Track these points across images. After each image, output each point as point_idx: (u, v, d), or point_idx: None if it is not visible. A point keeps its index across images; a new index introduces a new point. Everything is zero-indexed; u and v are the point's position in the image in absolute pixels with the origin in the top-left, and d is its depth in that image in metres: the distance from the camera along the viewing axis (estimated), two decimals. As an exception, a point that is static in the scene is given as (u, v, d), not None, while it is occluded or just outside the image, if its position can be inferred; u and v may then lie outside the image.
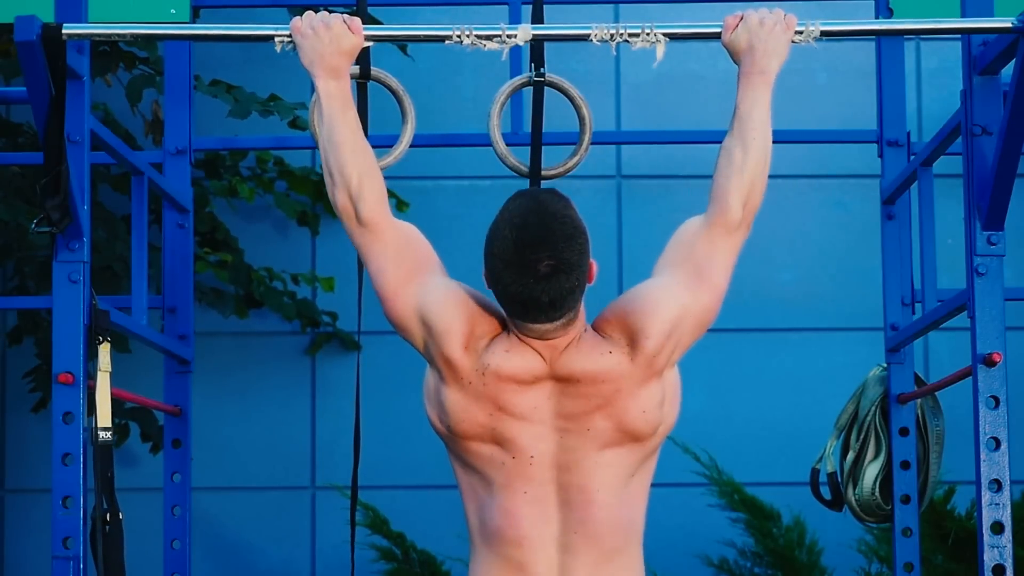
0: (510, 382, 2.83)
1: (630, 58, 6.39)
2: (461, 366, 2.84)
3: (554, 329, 2.82)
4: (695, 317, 2.92)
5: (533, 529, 2.85)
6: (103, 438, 3.57)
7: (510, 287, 2.76)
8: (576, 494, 2.85)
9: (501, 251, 2.76)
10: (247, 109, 5.35)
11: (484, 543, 2.88)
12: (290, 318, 6.13)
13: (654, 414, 2.87)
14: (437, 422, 2.90)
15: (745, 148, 2.96)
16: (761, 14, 3.08)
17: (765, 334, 6.40)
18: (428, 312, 2.87)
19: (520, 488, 2.85)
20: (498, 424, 2.83)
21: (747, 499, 5.84)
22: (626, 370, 2.85)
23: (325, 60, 3.03)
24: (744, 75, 3.03)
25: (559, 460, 2.85)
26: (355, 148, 2.96)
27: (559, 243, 2.75)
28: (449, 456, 2.94)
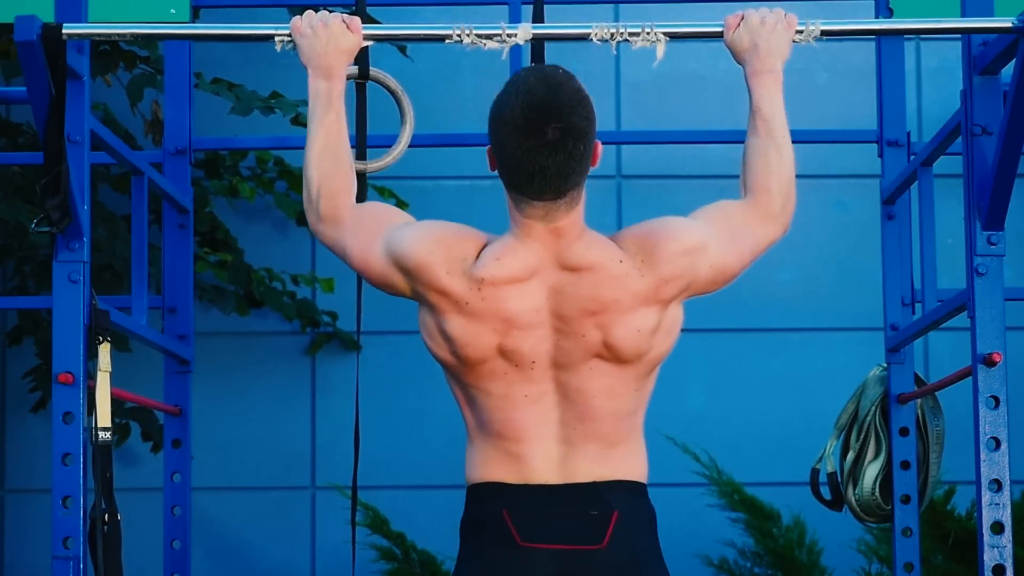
0: (508, 285, 2.80)
1: (630, 58, 6.39)
2: (452, 290, 2.82)
3: (556, 208, 2.79)
4: (715, 266, 2.90)
5: (532, 428, 2.83)
6: (103, 438, 3.57)
7: (516, 153, 2.75)
8: (574, 394, 2.83)
9: (509, 116, 2.74)
10: (249, 106, 5.35)
11: (482, 436, 2.87)
12: (290, 318, 6.13)
13: (645, 338, 2.83)
14: (444, 354, 2.86)
15: (779, 149, 2.99)
16: (762, 13, 3.08)
17: (765, 334, 6.40)
18: (399, 253, 2.86)
19: (521, 392, 2.83)
20: (504, 338, 2.81)
21: (747, 499, 5.84)
22: (632, 283, 2.82)
23: (321, 59, 3.03)
24: (755, 74, 3.04)
25: (557, 361, 2.82)
26: (323, 150, 2.97)
27: (566, 109, 2.73)
28: (447, 378, 2.91)
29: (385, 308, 6.31)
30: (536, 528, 2.81)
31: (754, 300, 6.34)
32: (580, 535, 2.81)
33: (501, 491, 2.83)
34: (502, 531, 2.81)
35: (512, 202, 2.83)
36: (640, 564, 2.83)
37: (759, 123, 3.00)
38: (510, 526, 2.81)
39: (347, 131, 3.02)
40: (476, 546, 2.85)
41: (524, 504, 2.82)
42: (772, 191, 2.97)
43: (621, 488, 2.84)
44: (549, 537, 2.80)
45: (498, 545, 2.81)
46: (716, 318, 6.36)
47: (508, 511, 2.81)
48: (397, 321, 6.30)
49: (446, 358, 2.87)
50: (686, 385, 6.32)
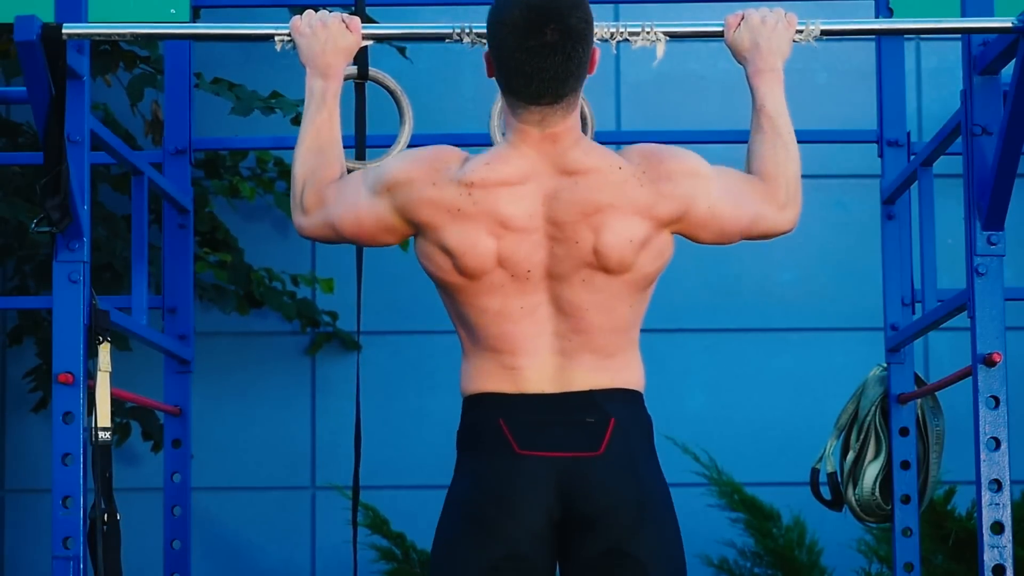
0: (498, 188, 2.81)
1: (630, 58, 6.39)
2: (441, 199, 2.81)
3: (553, 113, 2.80)
4: (711, 209, 2.87)
5: (527, 339, 2.83)
6: (103, 438, 3.57)
7: (515, 55, 2.75)
8: (567, 306, 2.83)
9: (508, 18, 2.75)
10: (249, 107, 5.34)
11: (477, 351, 2.87)
12: (290, 318, 6.13)
13: (632, 249, 2.82)
14: (447, 272, 2.84)
15: (786, 147, 2.99)
16: (762, 13, 3.09)
17: (765, 334, 6.39)
18: (382, 183, 2.86)
19: (517, 304, 2.83)
20: (500, 241, 2.80)
21: (747, 499, 5.84)
22: (630, 190, 2.82)
23: (320, 58, 3.04)
24: (757, 73, 3.04)
25: (551, 270, 2.82)
26: (311, 147, 2.98)
27: (565, 10, 2.75)
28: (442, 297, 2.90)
29: (385, 308, 6.33)
30: (533, 436, 2.81)
31: (754, 300, 6.34)
32: (577, 442, 2.81)
33: (498, 401, 2.84)
34: (499, 440, 2.82)
35: (508, 108, 2.84)
36: (638, 470, 2.84)
37: (764, 121, 3.00)
38: (507, 435, 2.82)
39: (340, 131, 3.02)
40: (473, 456, 2.86)
41: (521, 413, 2.82)
42: (779, 184, 2.96)
43: (618, 396, 2.85)
44: (546, 445, 2.81)
45: (495, 454, 2.82)
46: (716, 318, 6.36)
47: (505, 420, 2.82)
48: (397, 321, 6.32)
49: (448, 277, 2.85)
50: (686, 385, 6.32)
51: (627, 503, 2.81)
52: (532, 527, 2.80)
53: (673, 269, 2.99)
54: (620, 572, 2.82)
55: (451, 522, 2.90)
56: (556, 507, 2.81)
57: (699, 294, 6.30)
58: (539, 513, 2.80)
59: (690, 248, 3.02)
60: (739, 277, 6.35)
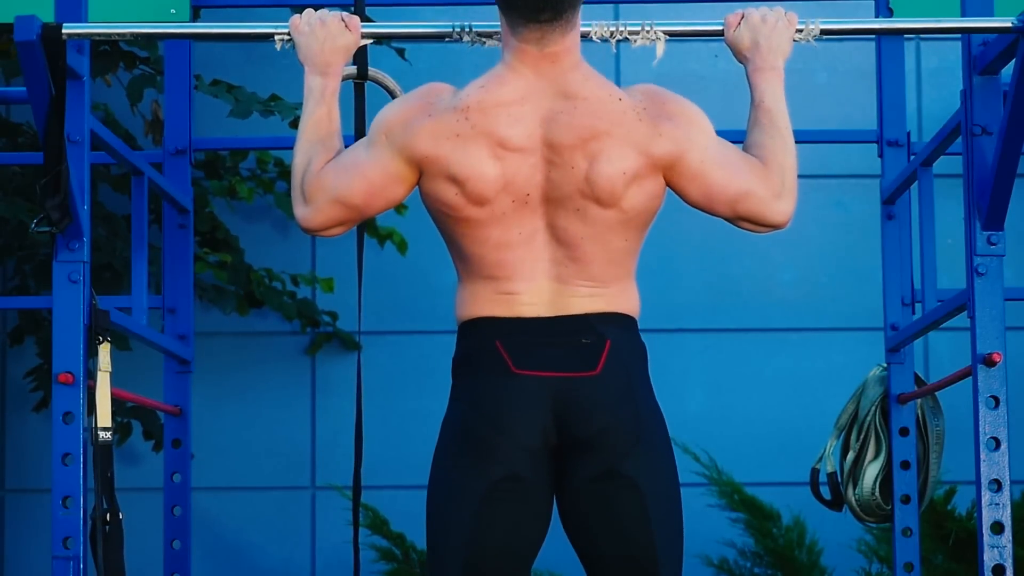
0: (495, 108, 2.83)
1: (630, 58, 6.39)
2: (438, 127, 2.83)
3: (552, 31, 2.82)
4: (704, 165, 2.88)
5: (524, 264, 2.85)
6: (103, 438, 3.57)
7: None
8: (562, 233, 2.84)
9: None
10: (248, 109, 5.35)
11: (472, 279, 2.88)
12: (290, 318, 6.13)
13: (623, 182, 2.83)
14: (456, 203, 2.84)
15: (784, 139, 3.00)
16: (762, 12, 3.09)
17: (765, 334, 6.39)
18: (381, 129, 2.88)
19: (515, 230, 2.84)
20: (502, 162, 2.81)
21: (747, 499, 5.84)
22: (628, 121, 2.83)
23: (319, 56, 3.06)
24: (756, 72, 3.05)
25: (548, 195, 2.83)
26: (310, 140, 2.98)
27: None
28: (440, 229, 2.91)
29: (385, 308, 6.33)
30: (530, 356, 2.83)
31: (754, 300, 6.34)
32: (574, 362, 2.83)
33: (494, 324, 2.85)
34: (496, 361, 2.83)
35: (507, 26, 2.86)
36: (633, 391, 2.85)
37: (762, 116, 3.01)
38: (504, 355, 2.83)
39: (339, 126, 3.03)
40: (470, 377, 2.87)
41: (517, 335, 2.84)
42: (774, 171, 2.97)
43: (613, 320, 2.86)
44: (543, 365, 2.82)
45: (492, 374, 2.83)
46: (716, 318, 6.36)
47: (501, 342, 2.83)
48: (397, 321, 6.31)
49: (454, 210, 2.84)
50: (686, 385, 6.32)
51: (623, 423, 2.83)
52: (529, 447, 2.81)
53: (673, 269, 3.00)
54: (615, 493, 2.83)
55: (448, 444, 2.89)
56: (552, 428, 2.82)
57: (699, 294, 6.30)
58: (536, 433, 2.82)
59: (690, 248, 3.02)
60: (739, 277, 6.34)
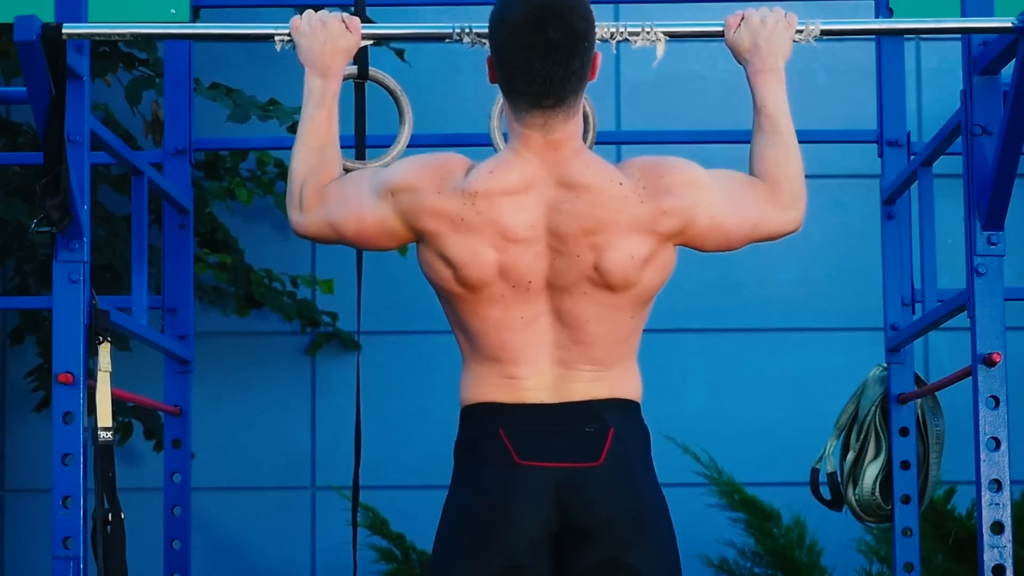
0: (502, 197, 2.80)
1: (630, 58, 6.39)
2: (445, 208, 2.81)
3: (554, 117, 2.79)
4: (713, 219, 2.87)
5: (527, 349, 2.83)
6: (103, 438, 3.57)
7: (517, 53, 2.75)
8: (567, 317, 2.83)
9: (510, 16, 2.75)
10: (246, 113, 5.34)
11: (477, 360, 2.87)
12: (290, 318, 6.13)
13: (635, 267, 2.82)
14: (444, 277, 2.84)
15: (787, 146, 2.98)
16: (762, 13, 3.08)
17: (765, 334, 6.39)
18: (388, 187, 2.85)
19: (517, 314, 2.83)
20: (502, 254, 2.80)
21: (747, 499, 5.84)
22: (631, 206, 2.81)
23: (319, 58, 3.04)
24: (758, 73, 3.04)
25: (552, 282, 2.82)
26: (310, 146, 2.97)
27: (566, 10, 2.74)
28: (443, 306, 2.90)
29: (385, 308, 6.33)
30: (533, 446, 2.81)
31: (754, 300, 6.34)
32: (577, 452, 2.81)
33: (497, 411, 2.83)
34: (499, 450, 2.81)
35: (511, 113, 2.83)
36: (636, 480, 2.83)
37: (764, 121, 3.00)
38: (507, 444, 2.81)
39: (338, 131, 3.02)
40: (472, 465, 2.85)
41: (521, 422, 2.82)
42: (781, 184, 2.95)
43: (616, 406, 2.85)
44: (546, 455, 2.80)
45: (495, 464, 2.81)
46: (716, 318, 6.36)
47: (505, 430, 2.82)
48: (397, 321, 6.31)
49: (449, 286, 2.84)
50: (686, 385, 6.32)
51: (626, 513, 2.81)
52: (531, 537, 2.80)
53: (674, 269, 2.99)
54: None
55: (450, 531, 2.90)
56: (554, 518, 2.80)
57: (699, 294, 6.30)
58: (538, 523, 2.80)
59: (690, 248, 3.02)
60: (739, 277, 6.34)
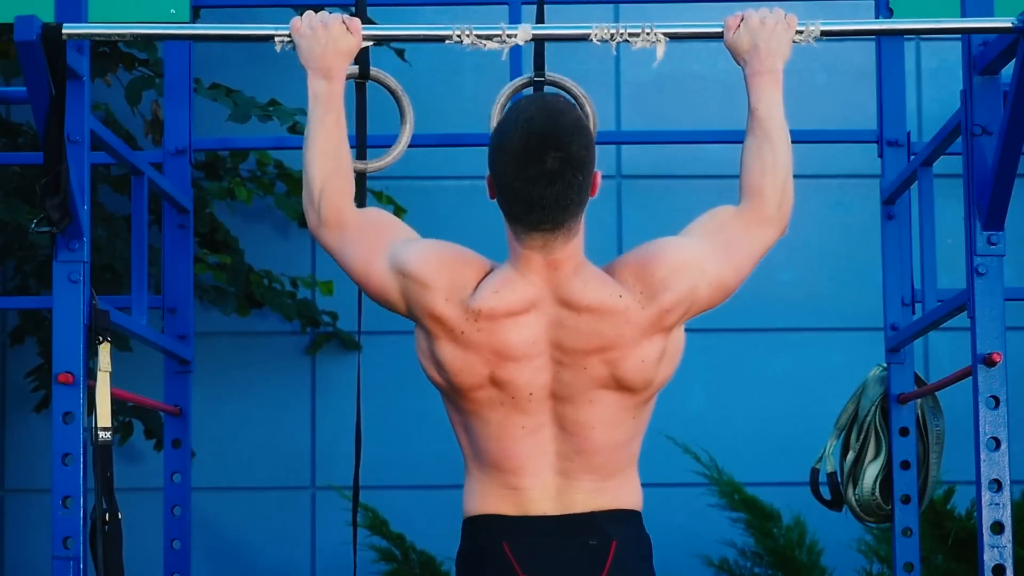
0: (505, 319, 2.80)
1: (630, 58, 6.39)
2: (448, 318, 2.82)
3: (555, 239, 2.78)
4: (713, 285, 2.88)
5: (529, 459, 2.83)
6: (103, 438, 3.57)
7: (515, 182, 2.73)
8: (571, 425, 2.83)
9: (508, 144, 2.73)
10: (246, 114, 5.34)
11: (480, 468, 2.87)
12: (290, 318, 6.13)
13: (651, 367, 2.83)
14: (436, 377, 2.87)
15: (774, 149, 2.98)
16: (761, 14, 3.08)
17: (765, 334, 6.39)
18: (402, 272, 2.86)
19: (518, 423, 2.83)
20: (496, 369, 2.81)
21: (747, 499, 5.84)
22: (634, 317, 2.81)
23: (321, 60, 3.03)
24: (754, 75, 3.03)
25: (555, 392, 2.82)
26: (325, 150, 2.96)
27: (565, 137, 2.72)
28: (443, 401, 2.92)
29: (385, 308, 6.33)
30: (536, 560, 2.82)
31: (754, 300, 6.34)
32: (580, 566, 2.82)
33: (500, 523, 2.84)
34: (503, 563, 2.82)
35: (511, 232, 2.82)
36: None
37: (755, 123, 3.00)
38: (511, 558, 2.82)
39: (347, 132, 3.03)
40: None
41: (524, 536, 2.83)
42: (765, 193, 2.96)
43: (618, 517, 2.85)
44: (550, 568, 2.81)
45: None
46: (716, 318, 6.32)
47: (508, 543, 2.82)
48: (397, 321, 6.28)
49: (439, 382, 2.88)
50: (686, 385, 6.32)
51: None
52: None
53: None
54: None
55: None
56: None
57: (699, 294, 6.29)
58: None
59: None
60: (739, 278, 6.33)
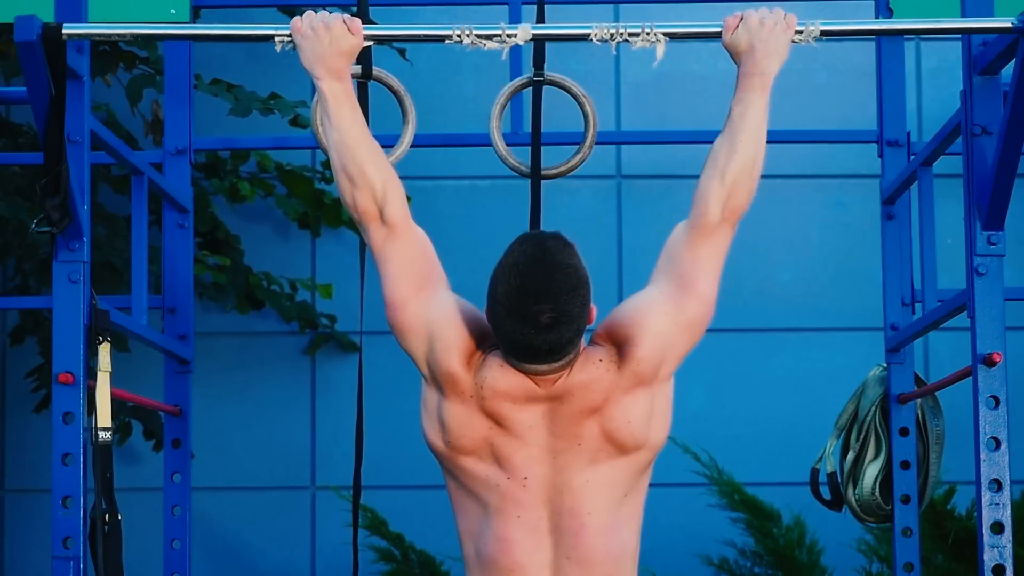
0: (505, 399, 2.86)
1: (630, 58, 6.39)
2: (462, 380, 2.87)
3: (552, 370, 2.85)
4: (683, 328, 2.93)
5: (525, 555, 2.86)
6: (103, 438, 3.57)
7: (511, 334, 2.79)
8: (568, 519, 2.86)
9: (503, 298, 2.78)
10: (248, 107, 5.34)
11: (478, 569, 2.90)
12: (288, 319, 6.13)
13: (640, 427, 2.87)
14: (437, 439, 2.92)
15: (731, 150, 2.96)
16: (761, 14, 3.08)
17: (765, 334, 6.39)
18: (435, 325, 2.89)
19: (513, 513, 2.86)
20: (496, 439, 2.86)
21: (747, 499, 5.84)
22: (613, 378, 2.86)
23: (326, 61, 3.02)
24: (743, 76, 3.03)
25: (552, 481, 2.86)
26: (371, 149, 2.97)
27: (561, 295, 2.77)
28: (444, 476, 2.96)
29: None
30: None
31: (754, 300, 6.34)
32: None
33: None
34: None
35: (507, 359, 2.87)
36: None
37: (727, 123, 3.00)
38: None
39: None
40: None
41: None
42: (709, 198, 2.95)
43: None
44: None
45: None
46: (716, 318, 6.32)
47: None
48: (397, 321, 6.31)
49: (439, 446, 2.91)
50: (686, 385, 6.28)
51: None
52: None
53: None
54: None
55: None
56: None
57: (699, 294, 6.29)
58: None
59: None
60: (739, 277, 6.34)
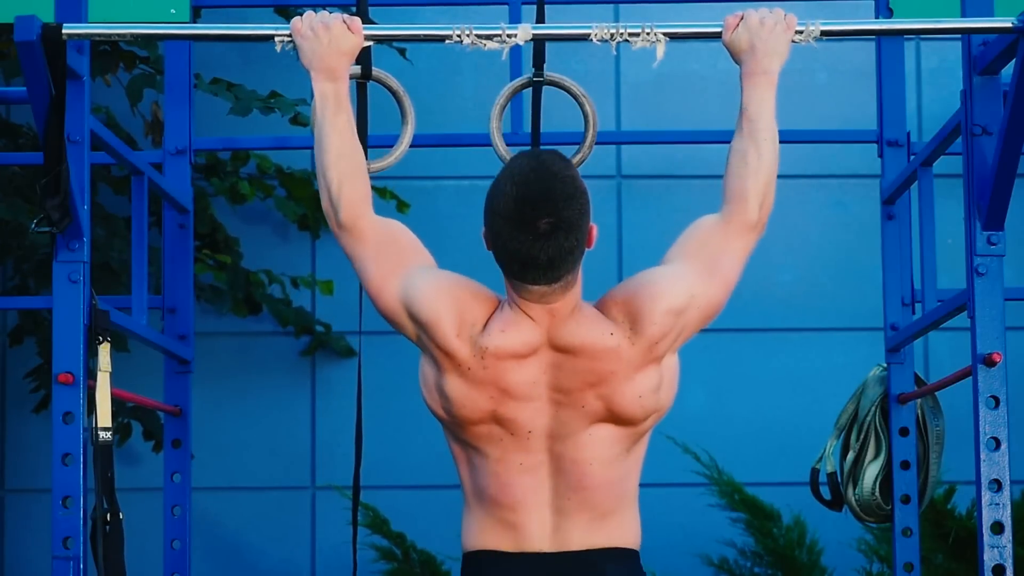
0: (509, 359, 2.83)
1: (630, 58, 6.39)
2: (457, 353, 2.84)
3: (552, 292, 2.81)
4: (702, 308, 2.91)
5: (527, 495, 2.86)
6: (103, 438, 3.57)
7: (509, 244, 2.76)
8: (569, 464, 2.86)
9: (502, 207, 2.75)
10: (248, 107, 5.34)
11: (478, 503, 2.90)
12: (284, 324, 6.13)
13: (649, 399, 2.87)
14: (438, 409, 2.90)
15: (759, 150, 2.97)
16: (761, 14, 3.08)
17: (765, 334, 6.39)
18: (413, 303, 2.87)
19: (516, 460, 2.86)
20: (499, 406, 2.84)
21: (747, 499, 5.84)
22: (625, 353, 2.84)
23: (323, 61, 3.03)
24: (748, 75, 3.03)
25: (553, 432, 2.85)
26: (340, 152, 2.97)
27: (559, 202, 2.74)
28: (445, 434, 2.94)
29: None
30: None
31: (754, 300, 6.34)
32: None
33: (497, 560, 2.87)
34: None
35: (508, 284, 2.85)
36: None
37: (743, 123, 3.00)
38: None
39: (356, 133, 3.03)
40: None
41: (520, 572, 2.85)
42: (747, 197, 2.96)
43: (615, 556, 2.87)
44: None
45: None
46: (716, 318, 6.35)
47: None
48: (397, 321, 6.31)
49: (440, 415, 2.90)
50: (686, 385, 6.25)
51: None
52: None
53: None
54: None
55: None
56: None
57: (699, 294, 6.29)
58: None
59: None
60: (739, 277, 6.34)
